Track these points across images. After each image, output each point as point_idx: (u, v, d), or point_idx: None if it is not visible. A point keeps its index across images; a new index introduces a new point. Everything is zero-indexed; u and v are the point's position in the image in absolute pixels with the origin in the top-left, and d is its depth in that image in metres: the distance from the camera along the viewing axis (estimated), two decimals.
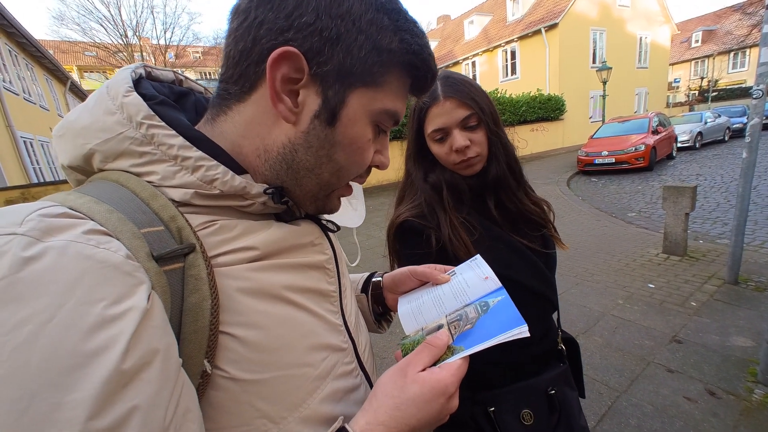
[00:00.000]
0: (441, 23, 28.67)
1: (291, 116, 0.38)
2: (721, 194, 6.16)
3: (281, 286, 0.40)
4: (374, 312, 0.66)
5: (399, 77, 0.41)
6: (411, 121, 0.85)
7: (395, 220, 0.84)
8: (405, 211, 0.83)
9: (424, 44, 0.40)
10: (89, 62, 25.74)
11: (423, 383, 0.38)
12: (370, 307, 0.65)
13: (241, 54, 0.37)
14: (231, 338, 0.35)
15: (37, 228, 0.26)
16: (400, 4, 0.40)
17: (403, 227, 0.82)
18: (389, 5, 0.38)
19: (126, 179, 0.35)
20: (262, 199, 0.40)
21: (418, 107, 0.82)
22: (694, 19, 34.39)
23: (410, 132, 0.86)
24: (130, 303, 0.27)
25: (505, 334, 0.40)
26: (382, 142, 0.45)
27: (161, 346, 0.28)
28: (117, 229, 0.30)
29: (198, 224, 0.36)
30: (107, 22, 20.64)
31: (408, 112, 0.85)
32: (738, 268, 3.02)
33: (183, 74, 0.48)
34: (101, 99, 0.37)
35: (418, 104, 0.82)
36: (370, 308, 0.66)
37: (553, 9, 15.52)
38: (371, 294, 0.65)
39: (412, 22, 0.40)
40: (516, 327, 0.40)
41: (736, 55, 28.89)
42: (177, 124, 0.37)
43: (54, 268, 0.25)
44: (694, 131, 11.50)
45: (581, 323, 2.69)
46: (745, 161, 2.84)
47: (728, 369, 2.08)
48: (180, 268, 0.33)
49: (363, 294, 0.66)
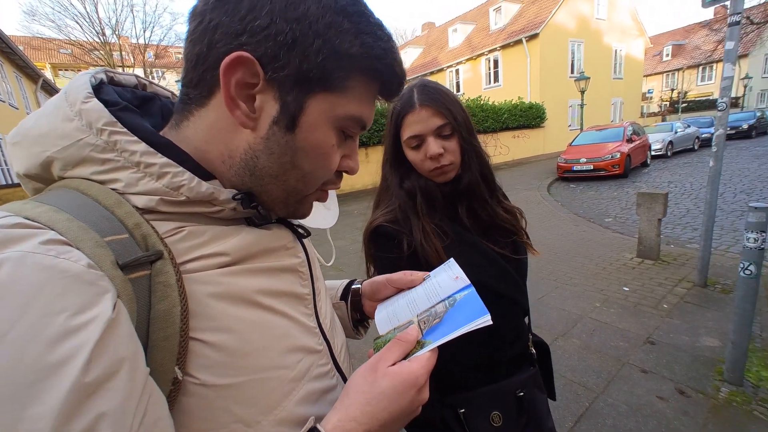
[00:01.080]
0: (426, 30, 29.08)
1: (249, 122, 0.37)
2: (690, 201, 6.45)
3: (254, 290, 0.39)
4: (352, 319, 0.66)
5: (363, 82, 0.40)
6: (388, 127, 0.87)
7: (370, 224, 0.86)
8: (380, 216, 0.85)
9: (389, 48, 0.39)
10: (64, 60, 24.80)
11: (394, 376, 0.38)
12: (348, 314, 0.66)
13: (198, 58, 0.36)
14: (202, 344, 0.35)
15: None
16: (364, 6, 0.38)
17: (377, 232, 0.84)
18: (351, 8, 0.37)
19: (88, 187, 0.34)
20: (232, 205, 0.39)
21: (395, 114, 0.83)
22: (665, 34, 36.10)
23: (387, 138, 0.88)
24: (94, 312, 0.26)
25: (469, 324, 0.41)
26: (350, 147, 0.44)
27: (127, 354, 0.27)
28: (78, 238, 0.29)
29: (165, 231, 0.36)
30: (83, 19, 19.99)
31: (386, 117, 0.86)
32: (706, 271, 3.17)
33: (146, 79, 0.47)
34: (59, 105, 0.35)
35: (395, 111, 0.84)
36: (349, 315, 0.66)
37: (534, 20, 16.02)
38: (350, 300, 0.66)
39: (377, 25, 0.39)
40: (480, 317, 0.41)
41: (704, 68, 30.46)
42: (140, 130, 0.36)
43: (10, 281, 0.24)
44: (665, 140, 12.05)
45: (560, 326, 2.76)
46: (712, 170, 2.99)
47: (697, 368, 2.17)
48: (147, 275, 0.32)
49: (342, 301, 0.66)
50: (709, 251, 3.12)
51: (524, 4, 17.95)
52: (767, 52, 25.99)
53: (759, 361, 2.15)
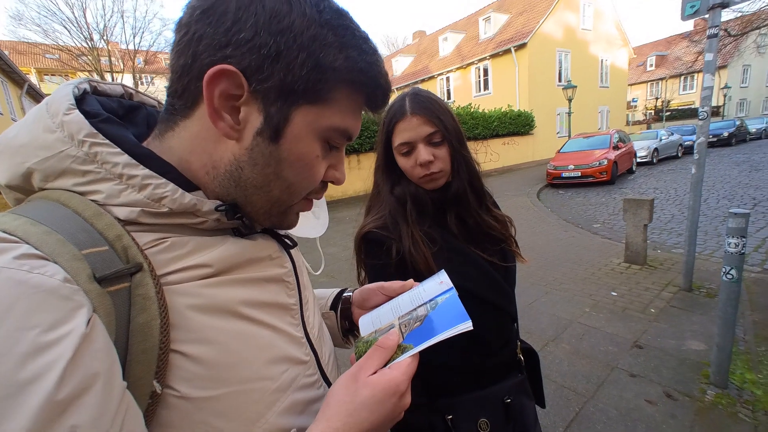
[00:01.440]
0: (417, 39, 29.45)
1: (233, 133, 0.37)
2: (675, 206, 6.61)
3: (237, 302, 0.39)
4: (342, 328, 0.66)
5: (348, 94, 0.40)
6: (380, 134, 0.88)
7: (360, 230, 0.87)
8: (370, 222, 0.86)
9: (373, 61, 0.39)
10: (50, 65, 24.39)
11: (374, 386, 0.38)
12: (338, 323, 0.65)
13: (183, 69, 0.36)
14: (182, 356, 0.34)
15: None
16: (350, 19, 0.39)
17: (366, 238, 0.85)
18: (335, 21, 0.37)
19: (68, 198, 0.34)
20: (215, 216, 0.39)
21: (387, 121, 0.85)
22: (648, 44, 37.22)
23: (379, 144, 0.89)
24: (68, 328, 0.26)
25: (450, 330, 0.41)
26: (336, 157, 0.45)
27: (102, 369, 0.27)
28: (54, 252, 0.29)
29: (146, 242, 0.35)
30: (71, 24, 19.73)
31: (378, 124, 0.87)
32: (691, 275, 3.24)
33: (132, 88, 0.47)
34: (40, 116, 0.35)
35: (387, 118, 0.85)
36: (339, 324, 0.65)
37: (522, 29, 16.38)
38: (341, 308, 0.65)
39: (362, 38, 0.39)
40: (461, 323, 0.41)
41: (686, 78, 31.43)
42: (122, 142, 0.36)
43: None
44: (651, 147, 12.35)
45: (551, 331, 2.78)
46: (694, 176, 3.08)
47: (684, 372, 2.20)
48: (126, 287, 0.32)
49: (332, 311, 0.66)
50: (693, 256, 3.20)
51: (512, 14, 18.36)
52: (745, 63, 27.00)
53: (743, 364, 2.20)
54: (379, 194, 0.91)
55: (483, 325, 0.82)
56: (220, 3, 0.34)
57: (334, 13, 0.37)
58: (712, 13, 2.77)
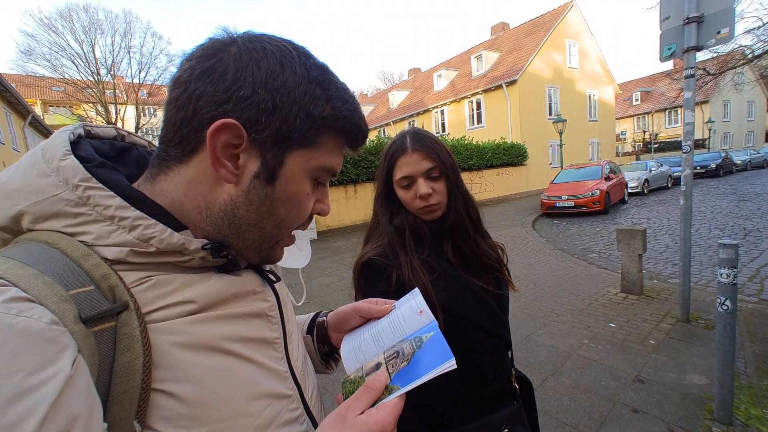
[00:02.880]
0: (412, 75, 30.82)
1: (232, 177, 0.40)
2: (669, 236, 6.68)
3: (220, 338, 0.40)
4: (320, 352, 0.66)
5: (333, 137, 0.45)
6: (381, 167, 0.93)
7: (360, 258, 0.89)
8: (370, 250, 0.89)
9: (354, 109, 0.45)
10: (55, 96, 25.07)
11: (362, 426, 0.38)
12: (315, 347, 0.65)
13: (182, 122, 0.39)
14: (164, 395, 0.35)
15: None
16: (331, 74, 0.44)
17: (367, 265, 0.87)
18: (321, 77, 0.42)
19: (57, 239, 0.35)
20: (201, 254, 0.41)
21: (389, 155, 0.90)
22: (633, 81, 39.04)
23: (380, 177, 0.94)
24: (52, 370, 0.27)
25: (435, 369, 0.42)
26: (322, 192, 0.49)
27: (82, 411, 0.28)
28: (42, 294, 0.30)
29: (132, 281, 0.36)
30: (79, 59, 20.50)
31: (379, 158, 0.92)
32: (688, 306, 3.22)
33: (125, 130, 0.50)
34: (35, 161, 0.37)
35: (388, 153, 0.91)
36: (316, 348, 0.66)
37: (512, 68, 17.24)
38: (316, 334, 0.66)
39: (343, 89, 0.44)
40: (445, 362, 0.42)
41: (671, 112, 32.74)
42: (115, 185, 0.38)
43: None
44: (641, 178, 12.65)
45: (549, 365, 2.72)
46: (683, 207, 3.14)
47: (687, 407, 2.14)
48: (112, 327, 0.33)
49: (308, 335, 0.66)
50: (688, 287, 3.20)
51: (503, 52, 19.39)
52: (725, 99, 28.26)
53: (747, 399, 2.15)
54: (379, 224, 0.94)
55: (480, 352, 0.85)
56: (219, 64, 0.38)
57: (319, 69, 0.43)
58: (687, 55, 2.95)
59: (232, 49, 0.39)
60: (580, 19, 19.28)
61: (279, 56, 0.40)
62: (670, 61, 3.22)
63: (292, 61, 0.40)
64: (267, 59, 0.39)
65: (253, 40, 0.40)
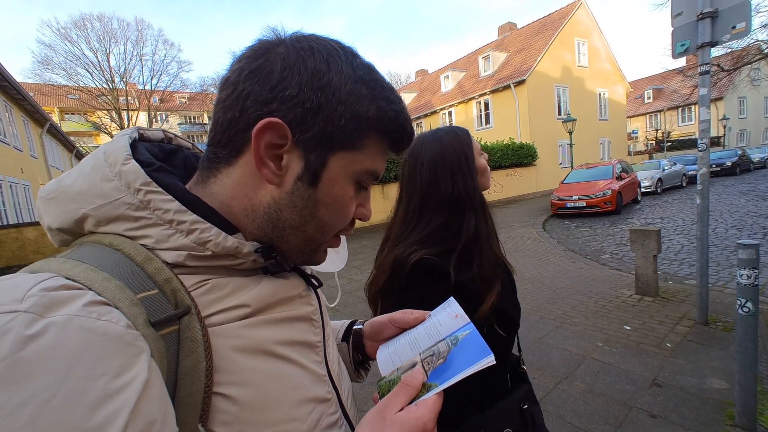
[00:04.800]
0: (419, 77, 30.80)
1: (275, 178, 0.40)
2: (684, 236, 6.52)
3: (271, 341, 0.40)
4: (354, 360, 0.66)
5: (377, 140, 0.43)
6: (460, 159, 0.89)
7: (406, 257, 0.80)
8: (417, 248, 0.81)
9: (400, 110, 0.44)
10: (71, 104, 25.74)
11: (402, 424, 0.37)
12: (350, 355, 0.65)
13: (230, 122, 0.39)
14: (224, 399, 0.35)
15: (39, 304, 0.26)
16: (378, 73, 0.43)
17: (420, 265, 0.79)
18: (367, 76, 0.41)
19: (120, 243, 0.36)
20: (253, 257, 0.41)
21: (466, 143, 0.92)
22: (644, 79, 38.38)
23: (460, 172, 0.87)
24: (132, 374, 0.27)
25: (474, 365, 0.41)
26: (364, 196, 0.48)
27: (158, 415, 0.28)
28: (116, 298, 0.30)
29: (191, 284, 0.37)
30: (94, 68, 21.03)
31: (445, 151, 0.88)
32: (706, 308, 3.14)
33: (172, 132, 0.51)
34: (98, 165, 0.38)
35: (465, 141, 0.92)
36: (351, 357, 0.65)
37: (520, 67, 17.09)
38: (352, 342, 0.65)
39: (389, 89, 0.43)
40: (484, 357, 0.42)
41: (683, 110, 32.11)
42: (174, 189, 0.38)
43: (56, 345, 0.25)
44: (654, 177, 12.40)
45: (563, 368, 2.67)
46: (700, 206, 3.07)
47: (707, 412, 2.08)
48: (176, 330, 0.33)
49: (344, 343, 0.66)
50: (706, 288, 3.11)
51: (510, 52, 19.23)
52: (740, 95, 27.60)
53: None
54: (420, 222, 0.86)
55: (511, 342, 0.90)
56: (267, 64, 0.38)
57: (365, 68, 0.42)
58: (702, 52, 2.89)
59: (280, 49, 0.39)
60: (589, 17, 19.02)
61: (326, 55, 0.39)
62: (683, 58, 3.15)
63: (338, 60, 0.40)
64: (314, 58, 0.39)
65: (300, 40, 0.40)
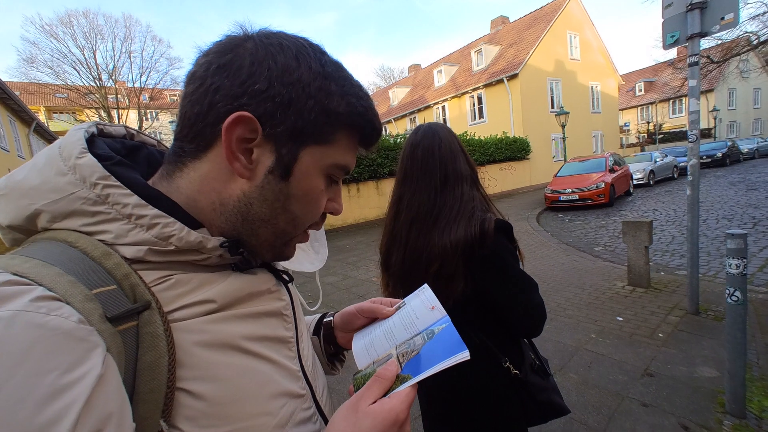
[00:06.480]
0: (412, 72, 30.65)
1: (246, 172, 0.40)
2: (675, 228, 6.60)
3: (239, 337, 0.40)
4: (326, 352, 0.66)
5: (347, 134, 0.44)
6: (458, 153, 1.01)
7: (489, 222, 0.89)
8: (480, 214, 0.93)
9: (369, 106, 0.44)
10: (59, 103, 25.24)
11: (375, 416, 0.37)
12: (322, 348, 0.66)
13: (197, 116, 0.39)
14: (188, 394, 0.34)
15: None
16: (346, 70, 0.44)
17: (505, 225, 0.92)
18: (336, 73, 0.42)
19: (76, 239, 0.35)
20: (219, 252, 0.40)
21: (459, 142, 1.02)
22: (635, 72, 38.60)
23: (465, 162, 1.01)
24: (84, 369, 0.27)
25: (449, 359, 0.41)
26: (335, 190, 0.48)
27: (114, 410, 0.28)
28: (68, 293, 0.30)
29: (152, 280, 0.36)
30: (81, 66, 20.61)
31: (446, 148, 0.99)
32: (697, 298, 3.18)
33: (134, 129, 0.50)
34: (52, 159, 0.37)
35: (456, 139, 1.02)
36: (323, 349, 0.66)
37: (513, 61, 17.08)
38: (323, 334, 0.66)
39: (357, 86, 0.44)
40: (459, 352, 0.41)
41: (675, 102, 32.35)
42: (133, 183, 0.38)
43: (2, 341, 0.24)
44: (646, 169, 12.52)
45: (556, 359, 2.69)
46: (690, 197, 3.10)
47: (698, 401, 2.11)
48: (134, 326, 0.33)
49: (315, 336, 0.66)
50: (697, 278, 3.15)
51: (503, 46, 19.22)
52: (730, 87, 27.88)
53: (759, 391, 2.11)
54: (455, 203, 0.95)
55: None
56: (236, 59, 0.38)
57: (334, 66, 0.42)
58: (691, 42, 2.90)
59: (249, 45, 0.39)
60: (581, 9, 19.05)
61: (295, 51, 0.40)
62: (674, 49, 3.16)
63: (307, 57, 0.40)
64: (283, 54, 0.39)
65: (269, 37, 0.40)
